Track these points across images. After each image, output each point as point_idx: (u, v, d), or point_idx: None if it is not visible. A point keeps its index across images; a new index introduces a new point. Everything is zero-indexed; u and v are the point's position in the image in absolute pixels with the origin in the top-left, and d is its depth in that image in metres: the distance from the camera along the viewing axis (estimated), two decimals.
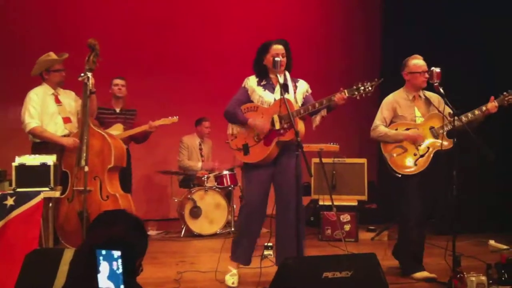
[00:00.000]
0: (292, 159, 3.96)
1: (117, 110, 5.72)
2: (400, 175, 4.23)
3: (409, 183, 4.22)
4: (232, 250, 4.11)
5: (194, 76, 7.90)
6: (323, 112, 3.99)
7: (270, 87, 4.03)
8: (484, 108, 4.20)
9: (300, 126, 3.90)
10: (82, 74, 4.32)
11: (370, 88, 3.73)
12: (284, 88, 3.86)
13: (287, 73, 4.03)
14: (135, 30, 7.73)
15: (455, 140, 4.00)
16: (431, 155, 4.21)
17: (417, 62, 4.32)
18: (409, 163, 4.21)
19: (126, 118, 5.72)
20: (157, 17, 7.87)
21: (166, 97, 7.57)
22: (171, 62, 7.87)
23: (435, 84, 4.02)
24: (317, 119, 4.02)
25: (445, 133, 4.18)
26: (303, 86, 4.11)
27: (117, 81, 5.76)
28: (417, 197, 4.21)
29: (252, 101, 4.03)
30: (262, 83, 4.04)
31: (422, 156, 4.21)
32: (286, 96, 3.78)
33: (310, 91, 4.14)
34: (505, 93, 4.28)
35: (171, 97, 7.62)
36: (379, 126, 4.34)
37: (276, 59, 3.82)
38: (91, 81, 4.32)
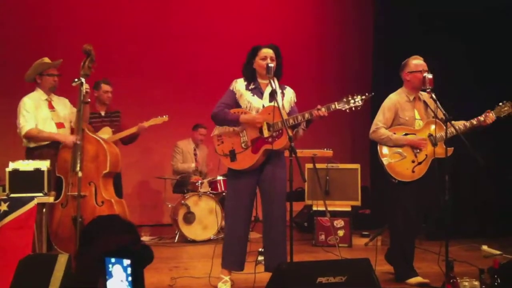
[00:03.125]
0: (278, 165, 3.98)
1: (102, 113, 5.71)
2: (396, 181, 4.21)
3: (405, 189, 4.21)
4: (222, 258, 4.07)
5: (190, 81, 7.93)
6: (303, 125, 3.94)
7: (258, 92, 3.98)
8: (482, 119, 4.23)
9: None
10: (76, 80, 4.32)
11: (360, 102, 3.69)
12: (273, 94, 3.79)
13: (275, 80, 3.92)
14: (129, 33, 7.75)
15: (453, 149, 4.02)
16: (429, 163, 4.21)
17: (417, 62, 4.30)
18: (406, 170, 4.19)
19: (112, 120, 5.71)
20: (152, 20, 7.90)
21: (161, 102, 7.58)
22: (167, 66, 7.89)
23: (428, 90, 4.04)
24: (300, 132, 3.98)
25: (443, 141, 4.19)
26: (289, 95, 4.06)
27: (107, 87, 5.71)
28: (411, 203, 4.20)
29: (239, 105, 3.97)
30: (250, 87, 3.99)
31: (420, 163, 4.20)
32: (275, 103, 3.73)
33: (295, 100, 4.09)
34: (500, 103, 4.30)
35: (167, 102, 7.63)
36: (381, 128, 4.27)
37: (270, 65, 3.78)
38: (85, 86, 4.31)
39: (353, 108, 3.72)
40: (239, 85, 4.01)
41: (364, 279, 3.12)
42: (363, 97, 3.72)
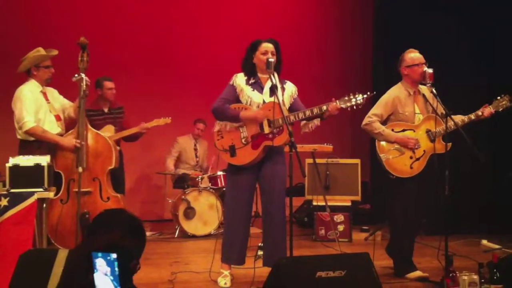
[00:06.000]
0: (278, 161, 3.98)
1: (105, 110, 5.64)
2: (395, 177, 4.22)
3: (404, 185, 4.21)
4: (222, 253, 4.08)
5: (190, 77, 7.92)
6: (317, 121, 3.93)
7: (259, 87, 3.97)
8: (480, 113, 4.23)
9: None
10: (77, 75, 4.28)
11: (360, 101, 3.71)
12: (273, 89, 3.78)
13: (275, 74, 3.91)
14: (130, 29, 7.73)
15: (451, 144, 4.02)
16: (427, 159, 4.21)
17: (414, 55, 4.28)
18: (405, 166, 4.19)
19: (115, 117, 5.64)
20: (153, 17, 7.88)
21: (162, 98, 7.57)
22: (168, 62, 7.88)
23: (428, 85, 4.04)
24: (309, 126, 3.96)
25: (441, 136, 4.19)
26: (290, 89, 4.06)
27: (109, 84, 5.63)
28: (410, 199, 4.21)
29: (239, 100, 3.96)
30: (250, 82, 3.98)
31: (418, 159, 4.20)
32: (275, 99, 3.73)
33: (297, 93, 4.08)
34: (498, 97, 4.30)
35: (168, 98, 7.62)
36: (376, 122, 4.28)
37: (270, 59, 3.78)
38: (86, 81, 4.29)
39: (354, 107, 3.74)
40: (239, 79, 4.00)
41: (364, 273, 3.12)
42: (364, 96, 3.74)
